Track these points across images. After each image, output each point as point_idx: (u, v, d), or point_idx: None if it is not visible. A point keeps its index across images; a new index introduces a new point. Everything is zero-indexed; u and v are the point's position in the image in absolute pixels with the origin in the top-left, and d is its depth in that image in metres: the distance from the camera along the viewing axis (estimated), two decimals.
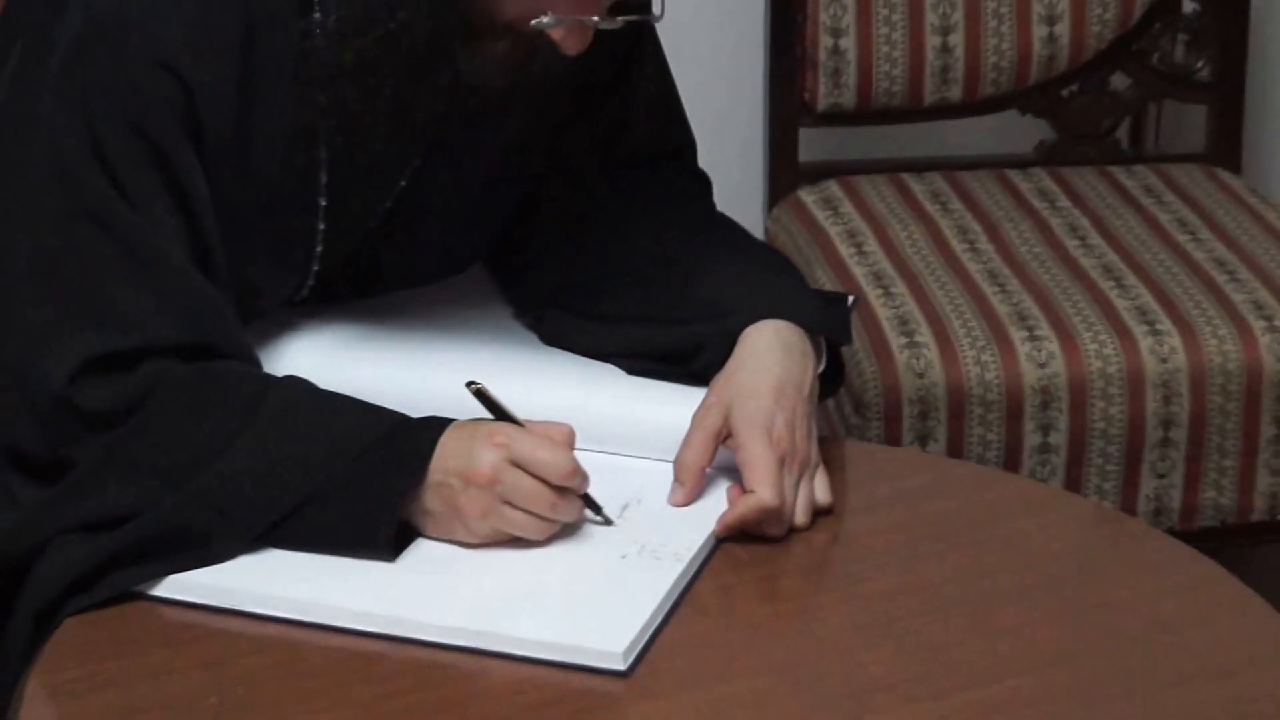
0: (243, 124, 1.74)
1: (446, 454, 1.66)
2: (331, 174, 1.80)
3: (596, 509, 1.71)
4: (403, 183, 1.86)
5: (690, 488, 1.76)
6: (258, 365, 1.78)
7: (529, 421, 1.69)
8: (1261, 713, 1.56)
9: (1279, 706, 1.57)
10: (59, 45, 1.71)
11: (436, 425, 1.68)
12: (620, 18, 1.73)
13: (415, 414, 1.70)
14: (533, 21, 1.69)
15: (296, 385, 1.74)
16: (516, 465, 1.65)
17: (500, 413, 1.70)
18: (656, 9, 1.77)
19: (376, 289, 1.94)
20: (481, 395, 1.70)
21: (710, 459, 1.76)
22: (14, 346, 1.72)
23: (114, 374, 1.69)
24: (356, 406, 1.71)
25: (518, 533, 1.67)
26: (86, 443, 1.69)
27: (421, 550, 1.68)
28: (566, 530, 1.69)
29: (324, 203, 1.81)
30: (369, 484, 1.66)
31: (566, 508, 1.68)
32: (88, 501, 1.67)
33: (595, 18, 1.70)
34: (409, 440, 1.68)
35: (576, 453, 1.68)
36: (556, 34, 1.71)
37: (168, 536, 1.65)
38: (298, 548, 1.66)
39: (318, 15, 1.74)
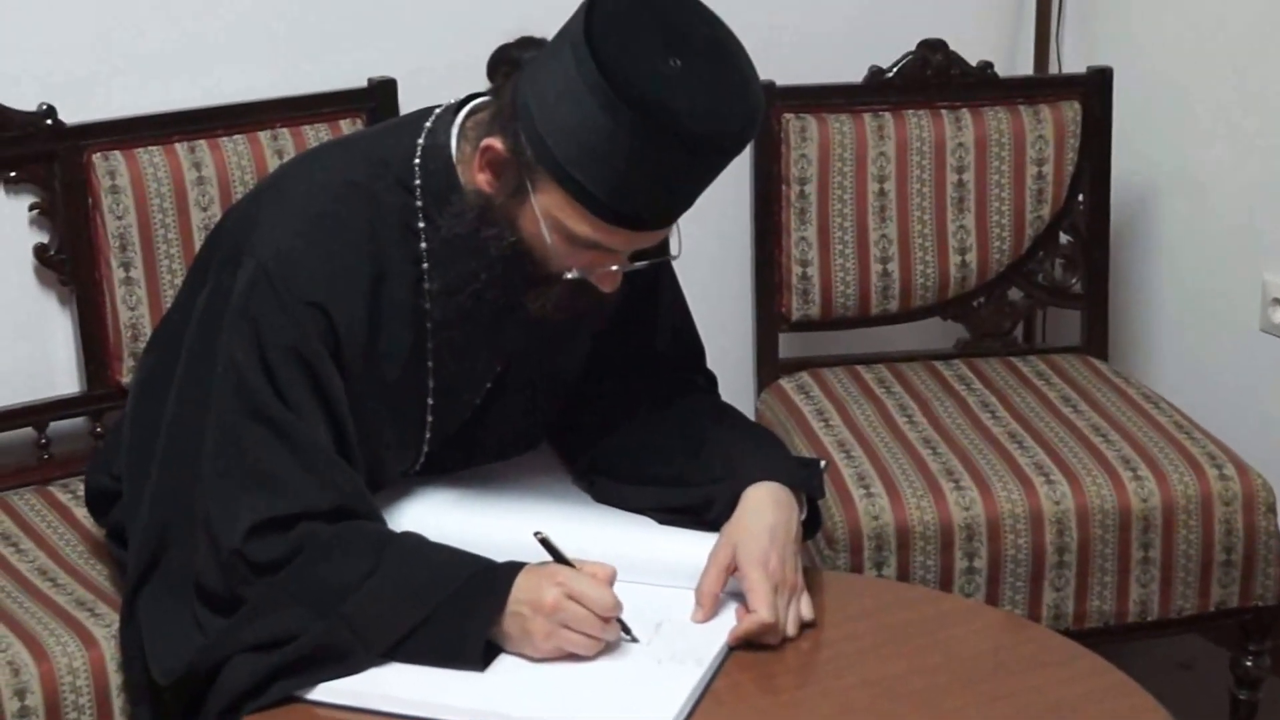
0: (371, 347, 1.74)
1: (519, 590, 1.65)
2: (436, 381, 1.81)
3: (627, 630, 1.69)
4: (489, 384, 1.86)
5: (708, 609, 1.74)
6: (383, 523, 1.76)
7: (580, 562, 1.68)
8: None
9: None
10: (236, 288, 1.72)
11: (512, 568, 1.67)
12: (644, 261, 1.72)
13: (500, 557, 1.69)
14: (570, 275, 1.69)
15: (409, 538, 1.73)
16: (571, 599, 1.64)
17: (559, 556, 1.68)
18: (674, 249, 1.76)
19: (472, 462, 1.92)
20: (545, 544, 1.69)
21: (722, 587, 1.75)
22: (204, 510, 1.72)
23: (276, 533, 1.68)
24: (453, 553, 1.70)
25: (574, 650, 1.65)
26: (256, 584, 1.68)
27: (503, 662, 1.66)
28: (614, 643, 1.67)
29: (431, 401, 1.82)
30: (463, 613, 1.65)
31: (609, 630, 1.66)
32: (257, 628, 1.66)
33: (615, 267, 1.70)
34: (491, 580, 1.66)
35: (621, 584, 1.67)
36: (595, 278, 1.71)
37: (317, 654, 1.64)
38: (412, 661, 1.65)
39: (425, 265, 1.75)
